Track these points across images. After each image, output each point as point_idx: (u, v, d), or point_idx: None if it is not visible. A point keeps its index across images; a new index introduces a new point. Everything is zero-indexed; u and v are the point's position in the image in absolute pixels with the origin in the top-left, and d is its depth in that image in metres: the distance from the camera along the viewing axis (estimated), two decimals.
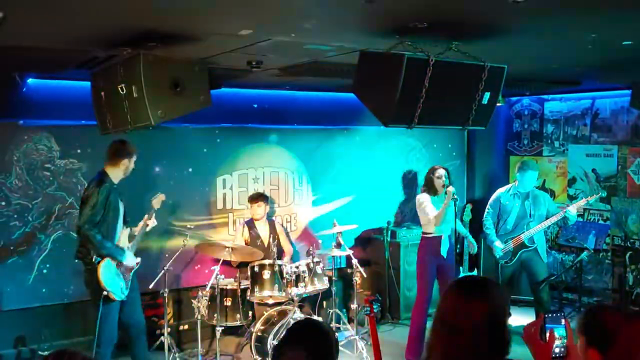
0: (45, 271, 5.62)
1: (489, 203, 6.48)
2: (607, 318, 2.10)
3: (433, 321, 2.11)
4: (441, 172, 5.69)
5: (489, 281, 2.16)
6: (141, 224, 5.08)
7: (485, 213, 6.42)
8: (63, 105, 5.52)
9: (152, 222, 5.15)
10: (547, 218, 6.19)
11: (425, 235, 5.77)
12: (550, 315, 2.24)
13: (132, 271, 4.95)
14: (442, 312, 2.07)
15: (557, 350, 2.16)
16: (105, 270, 4.68)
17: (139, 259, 5.04)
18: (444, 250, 5.69)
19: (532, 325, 2.23)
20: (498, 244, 6.22)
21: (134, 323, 4.98)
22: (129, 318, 4.93)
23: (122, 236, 4.90)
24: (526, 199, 6.25)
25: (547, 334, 2.17)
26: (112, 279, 4.69)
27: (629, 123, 7.09)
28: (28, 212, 5.55)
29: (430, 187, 5.73)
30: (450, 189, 5.46)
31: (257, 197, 6.19)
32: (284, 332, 2.32)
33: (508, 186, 6.44)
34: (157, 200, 5.24)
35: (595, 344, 2.08)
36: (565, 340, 2.16)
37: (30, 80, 5.42)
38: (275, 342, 5.10)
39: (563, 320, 2.21)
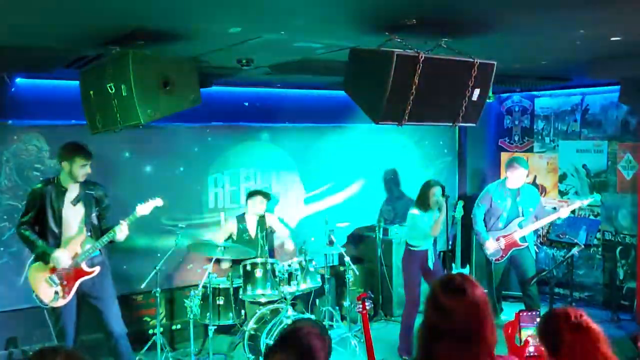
0: None
1: (478, 199, 6.49)
2: (556, 325, 2.14)
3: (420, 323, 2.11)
4: (436, 189, 5.64)
5: (466, 279, 2.14)
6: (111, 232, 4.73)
7: (475, 209, 6.43)
8: (52, 104, 5.49)
9: (122, 233, 4.70)
10: (535, 215, 6.24)
11: (412, 248, 5.76)
12: (525, 314, 2.27)
13: (81, 279, 4.68)
14: (425, 314, 2.08)
15: (531, 349, 2.20)
16: (31, 273, 4.68)
17: (95, 269, 4.73)
18: (431, 263, 5.73)
19: (510, 324, 2.27)
20: (489, 243, 6.23)
21: (109, 331, 4.83)
22: (105, 325, 4.83)
23: (74, 242, 4.70)
24: (517, 196, 6.27)
25: (521, 335, 2.21)
26: (38, 283, 4.64)
27: (619, 118, 7.13)
28: (18, 212, 5.50)
29: (424, 202, 5.68)
30: (443, 200, 5.58)
31: (267, 195, 6.21)
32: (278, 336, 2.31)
33: (498, 182, 6.46)
34: (146, 207, 4.86)
35: (553, 353, 2.11)
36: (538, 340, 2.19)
37: (18, 80, 5.39)
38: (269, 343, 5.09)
39: (538, 320, 2.24)
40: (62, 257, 4.60)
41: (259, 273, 5.49)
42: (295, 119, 6.98)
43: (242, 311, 5.80)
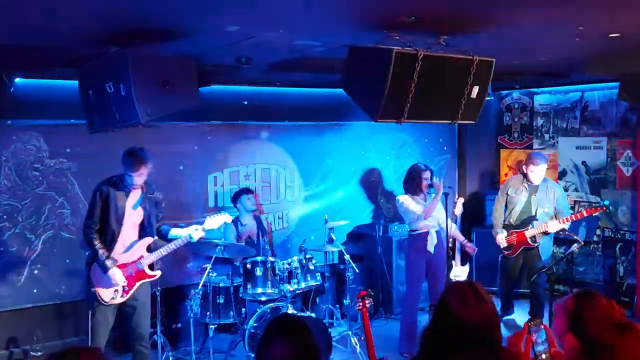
0: (36, 272, 5.60)
1: (500, 190, 6.39)
2: (596, 324, 2.05)
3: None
4: (427, 173, 5.75)
5: (476, 287, 2.12)
6: (181, 238, 4.87)
7: (495, 200, 6.39)
8: (51, 104, 5.48)
9: (197, 234, 4.91)
10: (555, 215, 6.05)
11: (412, 233, 5.80)
12: (532, 324, 2.25)
13: (142, 281, 4.77)
14: (432, 320, 2.06)
15: (543, 356, 2.18)
16: (96, 270, 4.65)
17: (157, 272, 4.88)
18: (430, 247, 5.72)
19: (517, 336, 2.23)
20: (499, 237, 6.15)
21: (140, 332, 4.84)
22: (136, 326, 4.83)
23: (140, 245, 4.79)
24: (535, 193, 6.08)
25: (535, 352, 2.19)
26: (101, 279, 4.64)
27: (618, 115, 7.12)
28: (17, 212, 5.52)
29: (416, 186, 5.73)
30: (439, 183, 5.58)
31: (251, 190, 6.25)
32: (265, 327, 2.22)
33: (519, 176, 6.32)
34: (214, 221, 5.03)
35: (575, 334, 2.04)
36: (547, 346, 2.18)
37: (17, 80, 5.38)
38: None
39: (542, 326, 2.24)
40: (117, 276, 4.62)
41: (259, 271, 5.50)
42: (295, 117, 6.98)
43: (243, 310, 5.79)
